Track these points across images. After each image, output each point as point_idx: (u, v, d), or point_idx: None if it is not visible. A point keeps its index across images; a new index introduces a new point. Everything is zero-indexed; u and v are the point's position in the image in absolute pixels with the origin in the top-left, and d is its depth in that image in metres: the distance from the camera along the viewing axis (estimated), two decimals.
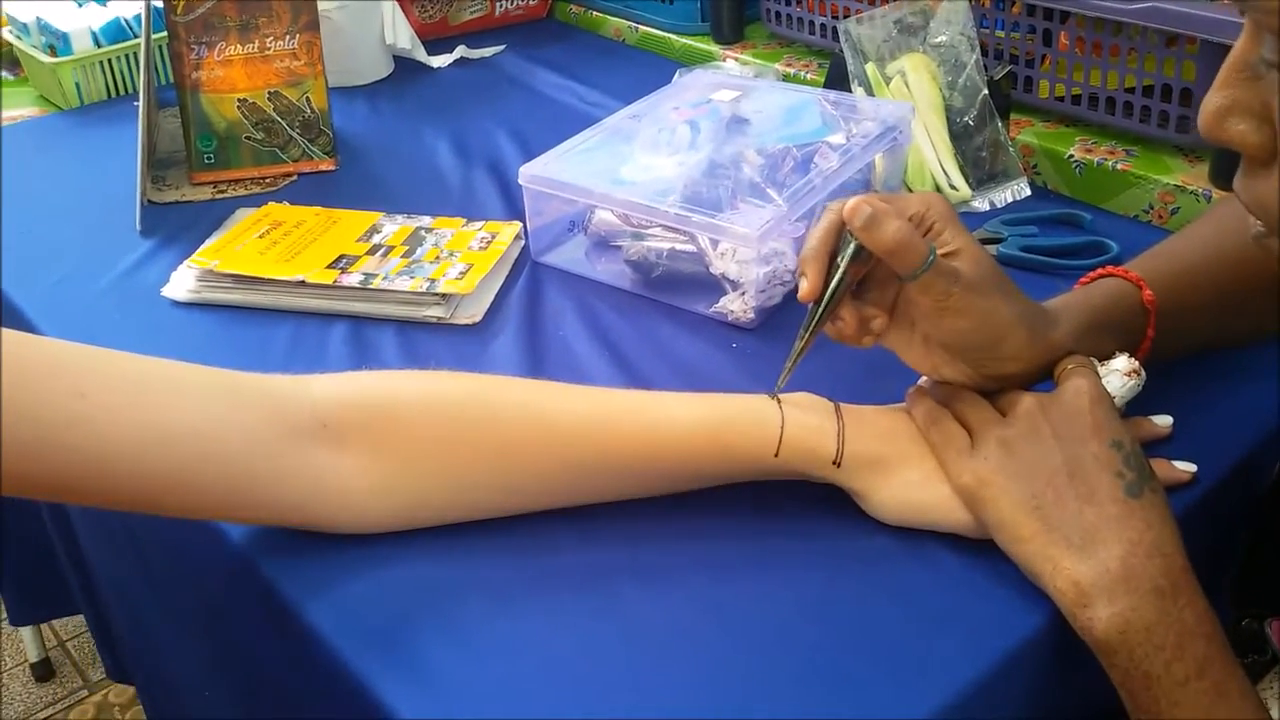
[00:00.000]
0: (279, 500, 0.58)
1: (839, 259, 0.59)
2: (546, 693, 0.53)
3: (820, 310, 0.60)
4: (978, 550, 0.59)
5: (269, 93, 1.03)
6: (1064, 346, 0.62)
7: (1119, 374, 0.64)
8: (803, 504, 0.63)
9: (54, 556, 1.07)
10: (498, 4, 1.40)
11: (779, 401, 0.61)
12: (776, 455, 0.60)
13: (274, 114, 1.04)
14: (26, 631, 1.60)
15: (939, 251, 0.58)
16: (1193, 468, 0.65)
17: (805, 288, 0.59)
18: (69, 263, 0.93)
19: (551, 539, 0.61)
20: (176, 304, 0.86)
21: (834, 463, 0.60)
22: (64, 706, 1.59)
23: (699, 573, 0.59)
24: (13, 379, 0.50)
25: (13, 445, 0.50)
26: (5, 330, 0.51)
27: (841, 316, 0.60)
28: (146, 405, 0.54)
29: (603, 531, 0.62)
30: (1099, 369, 0.63)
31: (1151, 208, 0.92)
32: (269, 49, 1.02)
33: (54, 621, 1.67)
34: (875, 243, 0.57)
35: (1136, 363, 0.65)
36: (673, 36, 1.31)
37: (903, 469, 0.61)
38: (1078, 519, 0.55)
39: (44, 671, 1.62)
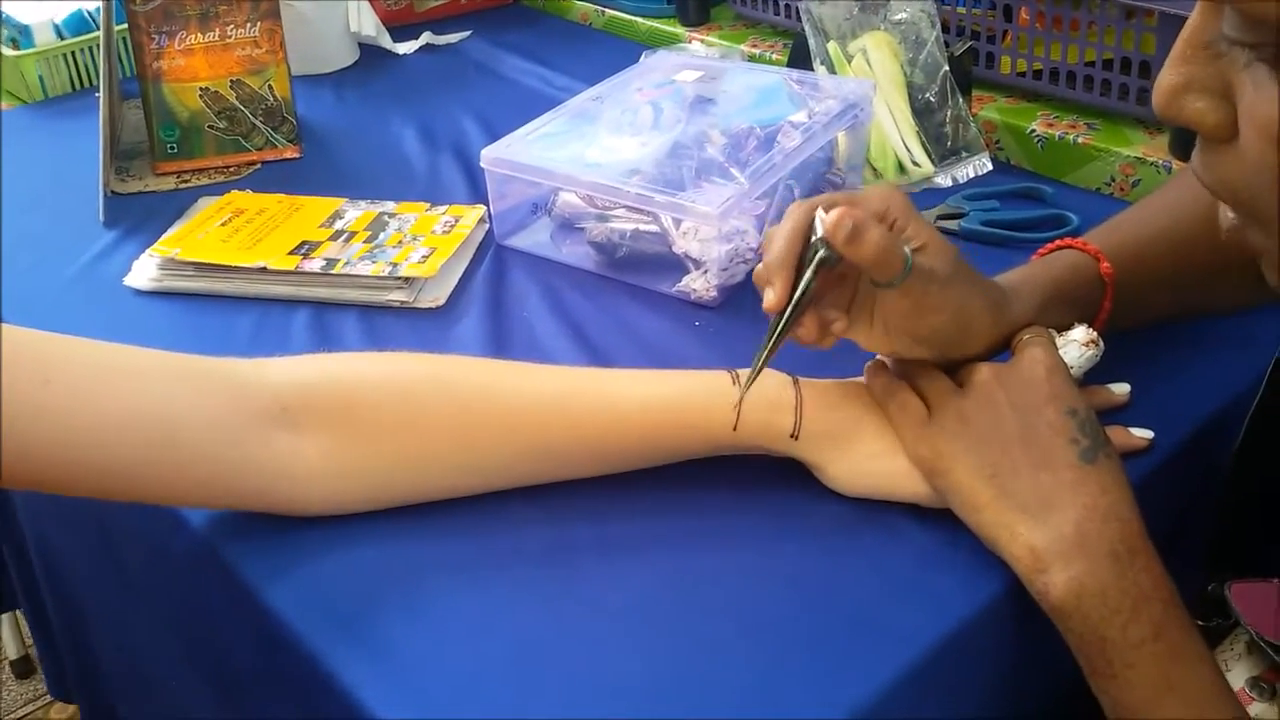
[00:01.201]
0: (240, 484, 0.58)
1: (805, 267, 0.57)
2: (511, 670, 0.53)
3: (785, 320, 0.58)
4: (938, 520, 0.60)
5: (231, 81, 1.03)
6: (1024, 322, 0.62)
7: (1077, 344, 0.64)
8: (763, 478, 0.63)
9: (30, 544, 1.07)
10: None
11: (736, 377, 0.61)
12: (735, 429, 0.60)
13: (236, 102, 1.03)
14: (6, 629, 1.59)
15: (907, 248, 0.58)
16: (1149, 434, 0.65)
17: (771, 299, 0.57)
18: (34, 254, 0.93)
19: (515, 516, 0.61)
20: (139, 293, 0.86)
21: (792, 436, 0.61)
22: (44, 704, 1.58)
23: (662, 547, 0.60)
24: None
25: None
26: None
27: (802, 323, 0.58)
28: (109, 392, 0.54)
29: (566, 508, 0.62)
30: (1057, 339, 0.63)
31: (1113, 180, 0.92)
32: (230, 37, 1.01)
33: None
34: (858, 255, 0.55)
35: (1094, 333, 0.65)
36: (639, 19, 1.31)
37: (860, 441, 0.62)
38: (1033, 486, 0.56)
39: (24, 669, 1.61)
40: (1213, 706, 0.52)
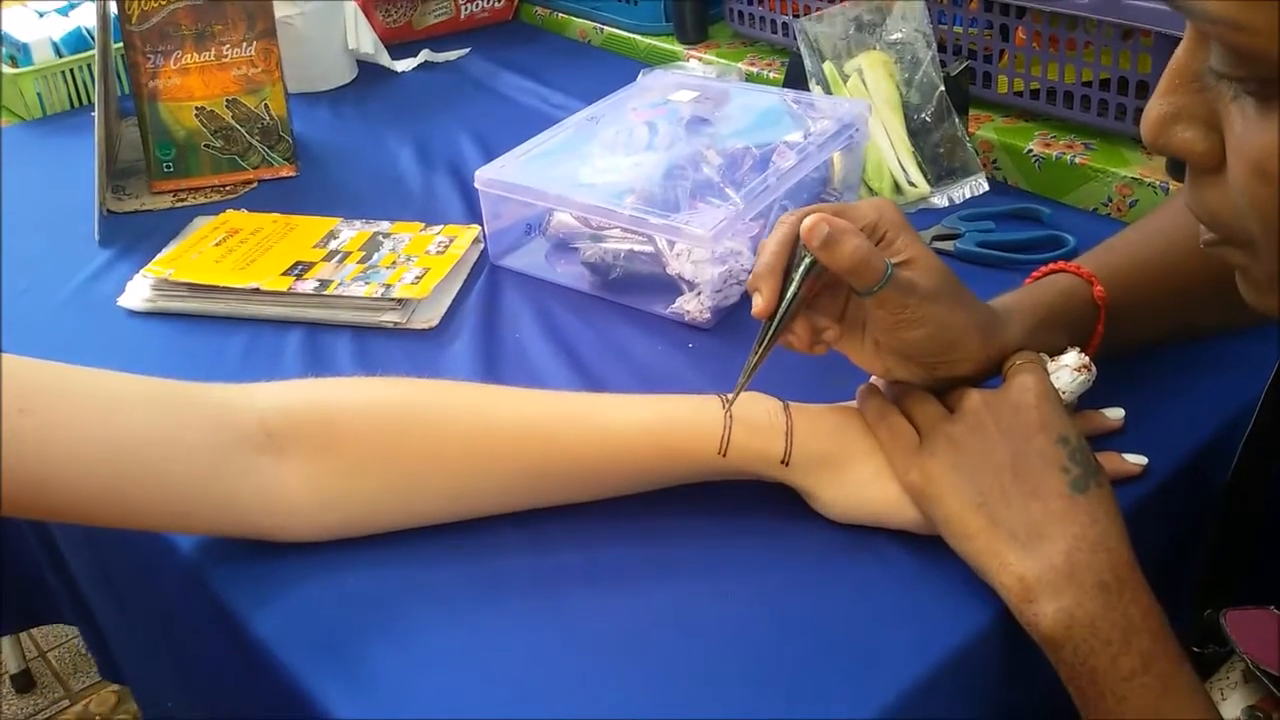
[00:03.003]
0: (222, 514, 0.58)
1: (793, 274, 0.58)
2: (493, 699, 0.53)
3: (774, 326, 0.59)
4: (927, 547, 0.59)
5: (227, 100, 1.03)
6: (1015, 346, 0.62)
7: (1069, 369, 0.64)
8: (753, 504, 0.62)
9: (30, 563, 1.06)
10: (463, 7, 1.39)
11: (726, 401, 0.61)
12: (723, 455, 0.60)
13: (232, 121, 1.04)
14: (6, 642, 1.59)
15: (893, 260, 0.58)
16: (1143, 460, 0.65)
17: (759, 304, 0.59)
18: (29, 274, 0.93)
19: (501, 543, 0.61)
20: (133, 314, 0.85)
21: (782, 461, 0.60)
22: (45, 717, 1.58)
23: (649, 574, 0.59)
24: None
25: None
26: None
27: (794, 330, 0.60)
28: (91, 420, 0.53)
29: (553, 534, 0.61)
30: (1049, 364, 0.63)
31: (1110, 200, 0.92)
32: (226, 56, 1.01)
33: (34, 632, 1.66)
34: (833, 261, 0.56)
35: (1086, 358, 0.64)
36: (637, 37, 1.31)
37: (851, 467, 0.61)
38: (1023, 515, 0.55)
39: (24, 683, 1.61)
40: None
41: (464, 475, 0.60)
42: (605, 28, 1.35)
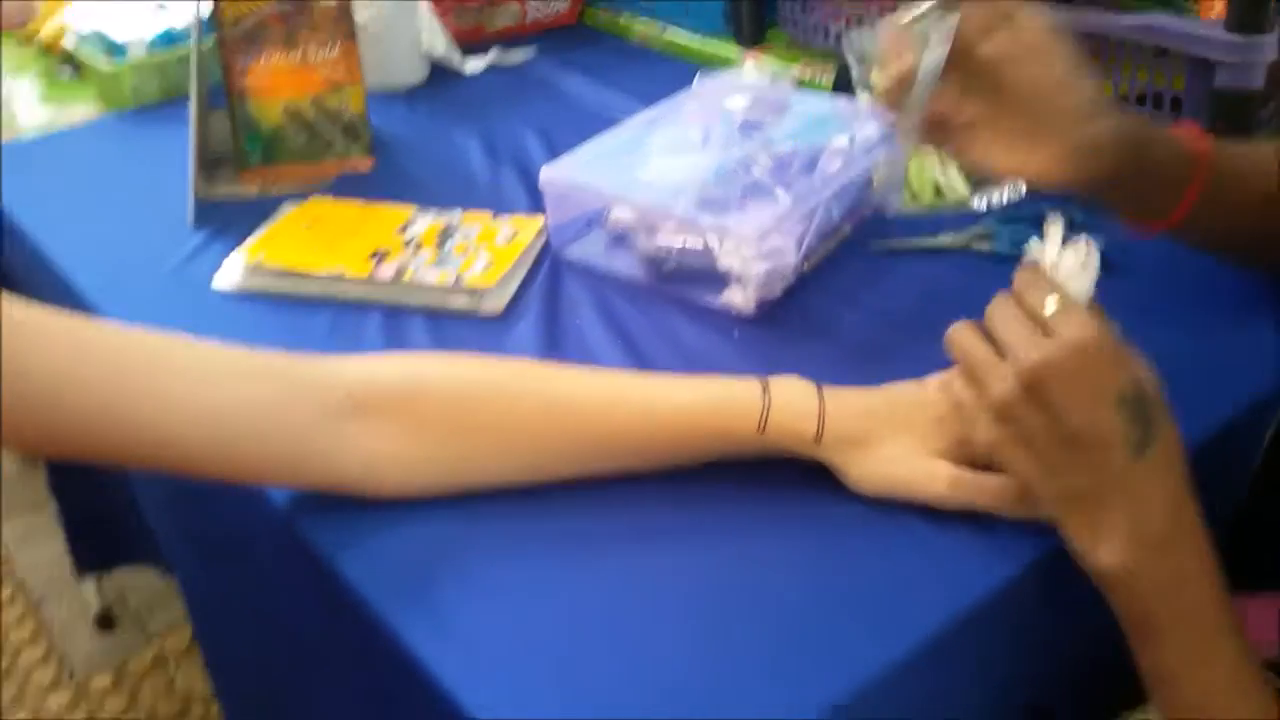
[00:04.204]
0: (318, 472, 0.65)
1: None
2: (561, 644, 0.59)
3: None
4: (950, 516, 0.65)
5: (311, 98, 1.10)
6: (1102, 144, 0.65)
7: (1078, 267, 0.61)
8: (788, 477, 0.69)
9: (115, 506, 1.15)
10: (530, 10, 1.46)
11: (765, 384, 0.67)
12: (762, 432, 0.66)
13: (316, 117, 1.11)
14: (88, 583, 1.69)
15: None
16: None
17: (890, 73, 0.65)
18: (130, 254, 1.01)
19: (569, 503, 0.68)
20: (226, 294, 0.93)
21: (815, 440, 0.66)
22: (123, 656, 1.69)
23: (689, 537, 0.66)
24: (93, 364, 0.57)
25: (88, 420, 0.57)
26: (86, 320, 0.59)
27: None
28: (204, 390, 0.61)
29: (610, 498, 0.68)
30: (1052, 261, 0.62)
31: None
32: (311, 59, 1.09)
33: (115, 574, 1.70)
34: None
35: (1087, 246, 0.62)
36: (696, 41, 1.37)
37: (880, 445, 0.67)
38: (1090, 481, 0.58)
39: (105, 622, 1.73)
40: (1244, 676, 0.57)
41: (531, 445, 0.67)
42: (665, 31, 1.41)
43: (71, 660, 1.69)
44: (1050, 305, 0.59)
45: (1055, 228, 0.62)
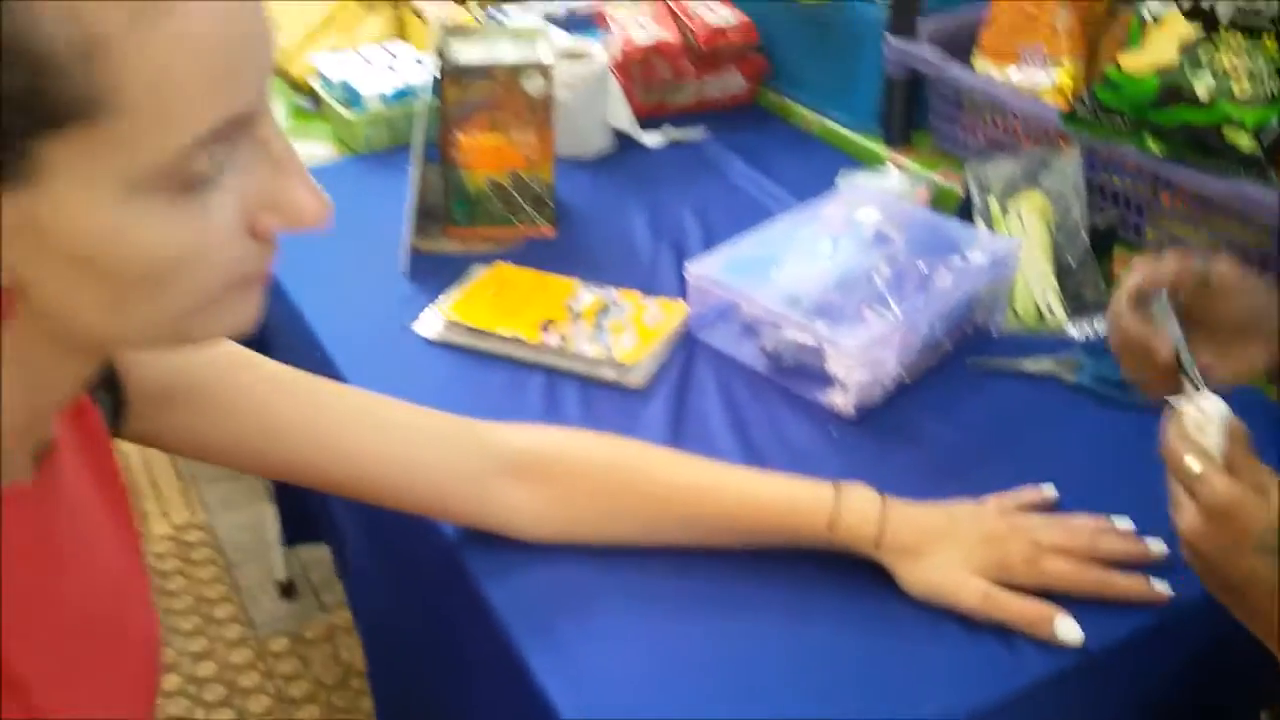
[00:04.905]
0: (478, 515, 0.85)
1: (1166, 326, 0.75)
2: (672, 690, 0.76)
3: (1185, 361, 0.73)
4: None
5: (510, 172, 1.31)
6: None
7: (1216, 423, 0.67)
8: (851, 570, 0.84)
9: (306, 494, 1.37)
10: (708, 90, 1.63)
11: (838, 489, 0.83)
12: (831, 531, 0.82)
13: (512, 188, 1.32)
14: (276, 553, 1.93)
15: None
16: (1168, 592, 0.80)
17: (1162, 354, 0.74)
18: (350, 291, 1.23)
19: (683, 564, 0.85)
20: (426, 341, 1.14)
21: (874, 544, 0.82)
22: (300, 623, 1.93)
23: (772, 604, 0.83)
24: (328, 418, 0.78)
25: (315, 460, 0.78)
26: (331, 383, 0.80)
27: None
28: (401, 444, 0.82)
29: (713, 565, 0.85)
30: (1195, 417, 0.68)
31: None
32: (513, 138, 1.29)
33: (299, 549, 1.95)
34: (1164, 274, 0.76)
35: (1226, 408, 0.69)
36: (849, 133, 1.51)
37: (930, 555, 0.82)
38: (1246, 614, 0.68)
39: (288, 591, 1.97)
40: None
41: (649, 517, 0.85)
42: (825, 121, 1.56)
43: (255, 622, 1.93)
44: (1194, 467, 0.66)
45: (1194, 374, 0.71)
